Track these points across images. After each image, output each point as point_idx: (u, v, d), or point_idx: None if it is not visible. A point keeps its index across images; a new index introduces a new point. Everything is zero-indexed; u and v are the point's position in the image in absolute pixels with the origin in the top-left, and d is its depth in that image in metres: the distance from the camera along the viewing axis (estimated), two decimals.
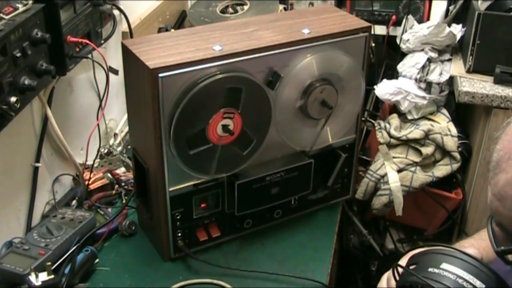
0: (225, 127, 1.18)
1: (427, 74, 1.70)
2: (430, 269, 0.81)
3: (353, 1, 1.96)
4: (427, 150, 1.61)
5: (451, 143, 1.62)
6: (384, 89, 1.71)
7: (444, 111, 1.74)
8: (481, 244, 1.03)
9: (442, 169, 1.61)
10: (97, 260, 1.27)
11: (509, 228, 0.75)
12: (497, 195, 0.74)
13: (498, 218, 0.76)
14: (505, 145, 0.75)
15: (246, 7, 1.96)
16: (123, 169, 1.59)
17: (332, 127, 1.37)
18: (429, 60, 1.73)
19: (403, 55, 1.82)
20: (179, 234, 1.28)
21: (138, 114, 1.24)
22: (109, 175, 1.53)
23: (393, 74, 1.85)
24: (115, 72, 1.64)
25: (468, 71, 1.69)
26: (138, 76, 1.16)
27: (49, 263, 1.15)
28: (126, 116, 1.67)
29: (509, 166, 0.73)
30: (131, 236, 1.38)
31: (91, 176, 1.49)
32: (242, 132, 1.22)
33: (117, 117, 1.74)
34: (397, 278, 0.87)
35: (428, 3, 1.89)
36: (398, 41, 1.85)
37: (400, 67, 1.77)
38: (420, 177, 1.59)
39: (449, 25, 1.79)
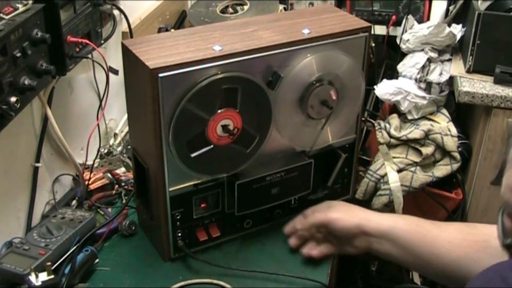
0: (225, 127, 1.18)
1: (427, 74, 1.70)
2: None
3: (353, 1, 1.96)
4: (427, 150, 1.61)
5: (451, 143, 1.62)
6: (384, 89, 1.71)
7: (444, 111, 1.74)
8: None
9: (442, 169, 1.61)
10: (97, 260, 1.27)
11: None
12: (509, 186, 0.77)
13: (509, 209, 0.79)
14: None
15: (246, 7, 1.96)
16: (123, 169, 1.59)
17: (332, 127, 1.36)
18: (429, 60, 1.73)
19: (403, 55, 1.82)
20: (179, 234, 1.28)
21: (138, 114, 1.24)
22: (109, 175, 1.53)
23: (393, 74, 1.85)
24: (115, 72, 1.64)
25: (468, 71, 1.69)
26: (138, 76, 1.16)
27: (49, 263, 1.15)
28: (126, 116, 1.67)
29: None
30: (131, 236, 1.38)
31: (91, 176, 1.49)
32: (242, 133, 1.22)
33: (117, 117, 1.74)
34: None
35: (428, 3, 1.89)
36: (398, 41, 1.85)
37: (400, 67, 1.77)
38: (420, 177, 1.59)
39: (449, 25, 1.79)
